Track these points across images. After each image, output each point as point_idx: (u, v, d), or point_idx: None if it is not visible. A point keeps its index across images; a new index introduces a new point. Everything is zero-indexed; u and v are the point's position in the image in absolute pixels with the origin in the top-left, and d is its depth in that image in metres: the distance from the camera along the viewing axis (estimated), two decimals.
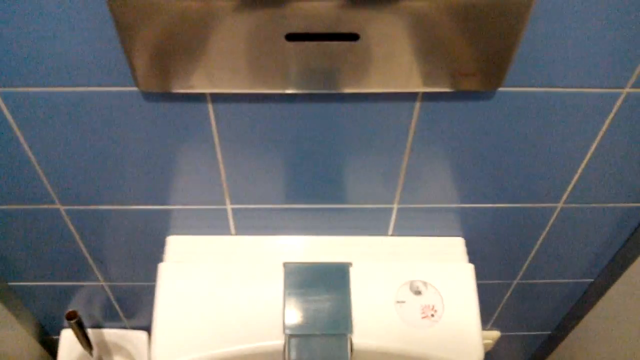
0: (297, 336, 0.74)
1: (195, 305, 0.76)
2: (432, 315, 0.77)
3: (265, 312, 0.76)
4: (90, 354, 0.97)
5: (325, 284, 0.78)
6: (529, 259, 0.89)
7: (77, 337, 0.91)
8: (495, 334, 1.08)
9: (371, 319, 0.76)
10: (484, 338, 1.09)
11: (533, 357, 1.19)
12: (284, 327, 0.75)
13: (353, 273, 0.79)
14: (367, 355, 0.76)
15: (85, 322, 1.01)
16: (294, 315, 0.75)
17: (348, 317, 0.76)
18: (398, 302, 0.78)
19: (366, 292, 0.78)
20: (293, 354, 0.73)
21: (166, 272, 0.78)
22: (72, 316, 0.87)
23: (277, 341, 0.75)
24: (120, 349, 1.06)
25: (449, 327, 0.77)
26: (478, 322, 0.77)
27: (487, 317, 1.05)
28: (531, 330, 1.10)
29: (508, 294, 0.98)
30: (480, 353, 0.76)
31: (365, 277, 0.79)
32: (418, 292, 0.78)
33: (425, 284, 0.79)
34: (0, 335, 0.95)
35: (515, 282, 0.94)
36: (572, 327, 1.04)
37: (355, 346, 0.75)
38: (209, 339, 0.75)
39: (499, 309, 1.03)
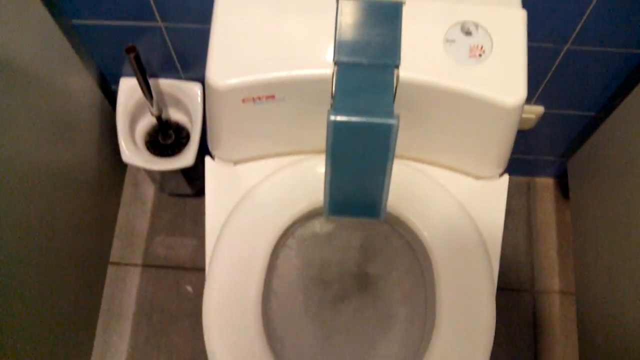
0: (346, 63, 0.77)
1: (250, 33, 0.79)
2: (480, 55, 0.78)
3: (317, 41, 0.78)
4: (149, 96, 1.02)
5: (377, 19, 0.79)
6: (583, 19, 0.88)
7: (136, 74, 0.96)
8: (539, 109, 1.09)
9: (419, 54, 0.78)
10: (527, 112, 1.11)
11: (576, 139, 1.21)
12: (334, 54, 0.77)
13: (405, 11, 0.79)
14: (412, 89, 0.79)
15: None
16: (344, 44, 0.77)
17: (397, 50, 0.77)
18: (447, 40, 0.79)
19: (416, 29, 0.79)
20: (340, 80, 0.77)
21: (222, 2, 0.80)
22: (131, 50, 0.91)
23: (327, 68, 0.78)
24: (175, 99, 1.11)
25: (495, 68, 0.78)
26: (524, 65, 0.79)
27: (532, 91, 1.06)
28: (575, 109, 1.11)
29: (557, 62, 0.98)
30: (523, 94, 0.78)
31: (417, 15, 0.79)
32: (468, 33, 0.79)
33: (476, 25, 0.79)
34: (67, 74, 1.01)
35: (566, 47, 0.94)
36: (616, 106, 1.05)
37: (401, 78, 0.77)
38: (262, 64, 0.78)
39: (545, 82, 1.03)
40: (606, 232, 1.10)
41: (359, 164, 0.79)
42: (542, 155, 1.30)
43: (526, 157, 1.30)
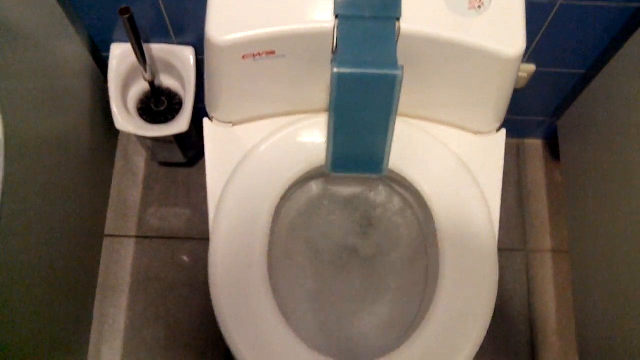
0: (346, 16, 0.77)
1: None
2: (479, 7, 0.79)
3: None
4: (143, 60, 1.01)
5: None
6: None
7: (129, 37, 0.95)
8: (531, 67, 1.10)
9: (419, 6, 0.78)
10: (519, 71, 1.12)
11: (566, 98, 1.22)
12: (335, 7, 0.77)
13: None
14: (413, 42, 0.79)
15: None
16: None
17: (397, 3, 0.77)
18: None
19: None
20: (342, 33, 0.76)
21: None
22: (125, 12, 0.90)
23: (328, 22, 0.77)
24: (167, 65, 1.10)
25: (494, 19, 0.79)
26: (523, 16, 0.79)
27: None
28: (566, 67, 1.12)
29: (550, 18, 0.98)
30: (522, 44, 0.79)
31: None
32: None
33: None
34: (58, 39, 0.99)
35: (559, 1, 0.95)
36: (606, 63, 1.06)
37: (402, 31, 0.77)
38: (262, 19, 0.78)
39: (537, 39, 1.04)
40: (598, 190, 1.11)
41: (362, 117, 0.79)
42: (532, 116, 1.31)
43: (516, 118, 1.31)
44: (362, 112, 0.78)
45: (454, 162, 0.90)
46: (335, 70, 0.73)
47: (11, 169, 0.89)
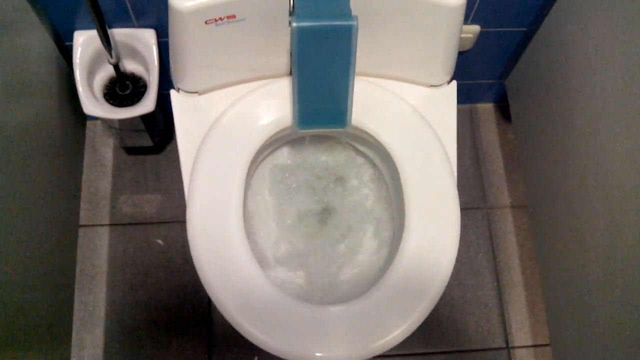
0: None
1: None
2: None
3: None
4: (107, 43, 1.04)
5: None
6: None
7: (93, 19, 0.98)
8: (476, 28, 1.17)
9: None
10: (465, 32, 1.19)
11: (511, 57, 1.30)
12: None
13: None
14: None
15: None
16: None
17: None
18: None
19: None
20: None
21: None
22: None
23: None
24: (130, 49, 1.13)
25: None
26: None
27: (467, 12, 1.13)
28: (509, 26, 1.19)
29: None
30: None
31: None
32: None
33: None
34: (22, 28, 1.02)
35: None
36: (544, 18, 1.14)
37: None
38: None
39: (478, 1, 1.11)
40: (548, 141, 1.17)
41: (324, 71, 0.84)
42: (481, 79, 1.38)
43: (467, 82, 1.38)
44: (323, 65, 0.83)
45: (411, 114, 0.96)
46: (295, 24, 0.78)
47: None
